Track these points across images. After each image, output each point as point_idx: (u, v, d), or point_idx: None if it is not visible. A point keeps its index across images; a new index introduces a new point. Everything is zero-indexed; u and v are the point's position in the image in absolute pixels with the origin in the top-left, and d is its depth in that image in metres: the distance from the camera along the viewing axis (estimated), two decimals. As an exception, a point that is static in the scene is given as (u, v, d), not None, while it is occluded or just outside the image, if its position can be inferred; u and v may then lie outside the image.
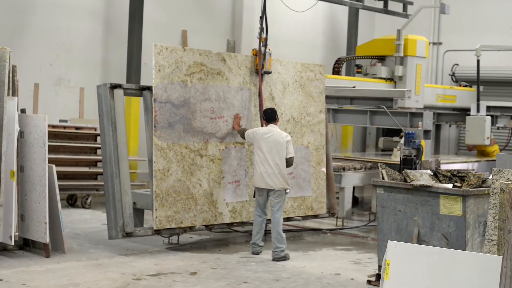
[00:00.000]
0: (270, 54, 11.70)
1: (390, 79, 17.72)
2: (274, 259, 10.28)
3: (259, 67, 11.63)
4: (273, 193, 10.53)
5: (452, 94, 19.44)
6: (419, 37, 18.07)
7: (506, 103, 19.12)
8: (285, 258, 10.33)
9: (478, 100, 18.24)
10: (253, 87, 11.63)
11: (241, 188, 11.29)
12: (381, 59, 17.95)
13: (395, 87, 17.56)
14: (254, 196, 10.88)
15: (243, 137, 11.04)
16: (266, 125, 10.82)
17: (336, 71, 17.79)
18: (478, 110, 18.15)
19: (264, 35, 11.57)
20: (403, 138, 15.98)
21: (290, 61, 12.36)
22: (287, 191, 10.66)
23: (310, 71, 12.54)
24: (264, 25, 11.56)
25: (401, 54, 17.53)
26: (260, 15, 11.58)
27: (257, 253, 10.56)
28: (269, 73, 11.71)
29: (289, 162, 10.63)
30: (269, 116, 10.83)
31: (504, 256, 4.76)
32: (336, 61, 18.26)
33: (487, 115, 18.77)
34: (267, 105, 11.67)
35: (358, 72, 18.10)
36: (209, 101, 11.01)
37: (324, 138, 12.60)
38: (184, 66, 10.75)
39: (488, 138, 17.66)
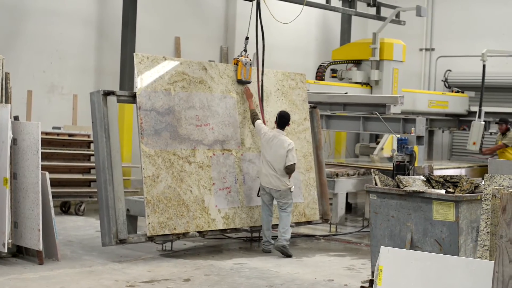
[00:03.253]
0: (250, 65, 11.84)
1: (366, 83, 17.69)
2: (277, 246, 11.00)
3: (258, 74, 11.78)
4: (279, 194, 11.06)
5: (444, 100, 19.48)
6: (396, 41, 18.04)
7: (498, 109, 19.16)
8: (287, 249, 10.98)
9: (480, 105, 18.15)
10: (236, 95, 11.71)
11: (232, 195, 11.32)
12: (359, 63, 17.94)
13: (371, 92, 17.55)
14: (258, 195, 11.40)
15: (253, 122, 11.49)
16: (275, 127, 11.35)
17: (319, 76, 17.75)
18: (479, 116, 18.11)
19: (245, 54, 11.93)
20: (379, 144, 16.03)
21: (271, 70, 12.47)
22: (292, 189, 11.14)
23: (291, 80, 12.63)
24: (260, 45, 11.98)
25: (377, 58, 17.49)
26: (250, 31, 11.86)
27: (269, 251, 11.05)
28: (249, 82, 11.85)
29: (289, 169, 11.10)
30: (283, 122, 11.31)
31: (496, 261, 4.77)
32: (319, 66, 18.22)
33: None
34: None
35: (333, 77, 18.05)
36: (193, 109, 11.08)
37: (311, 145, 12.65)
38: (166, 75, 10.86)
39: (474, 143, 17.62)
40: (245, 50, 11.94)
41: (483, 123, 17.77)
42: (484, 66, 18.13)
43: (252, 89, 11.92)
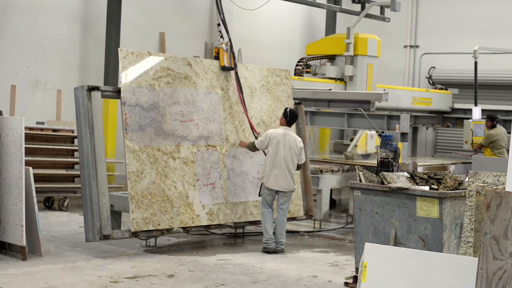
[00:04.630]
0: (227, 51, 11.80)
1: (340, 79, 17.67)
2: (276, 251, 11.00)
3: (235, 70, 11.78)
4: (284, 193, 11.15)
5: (428, 97, 19.54)
6: (371, 36, 18.00)
7: (483, 106, 19.19)
8: (283, 250, 11.10)
9: (475, 104, 18.07)
10: (220, 91, 11.70)
11: (216, 191, 11.31)
12: (334, 58, 17.91)
13: (345, 88, 17.54)
14: (259, 195, 11.33)
15: (254, 149, 11.34)
16: (284, 125, 11.33)
17: (298, 72, 17.72)
18: (472, 114, 18.00)
19: (224, 41, 11.93)
20: (353, 141, 16.04)
21: (256, 66, 12.47)
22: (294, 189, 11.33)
23: (276, 76, 12.63)
24: (223, 31, 12.01)
25: (351, 53, 17.46)
26: (221, 22, 11.95)
27: (273, 251, 11.05)
28: (232, 68, 11.86)
29: (300, 167, 11.39)
30: (293, 119, 11.41)
31: (480, 258, 4.79)
32: (298, 62, 18.17)
33: (463, 118, 18.73)
34: (235, 109, 11.78)
35: (307, 72, 18.00)
36: (178, 105, 11.06)
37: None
38: (151, 71, 10.84)
39: (466, 142, 17.57)
40: (222, 37, 11.92)
41: (471, 121, 17.73)
42: (476, 63, 18.08)
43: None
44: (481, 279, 4.77)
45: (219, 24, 11.97)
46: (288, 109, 11.42)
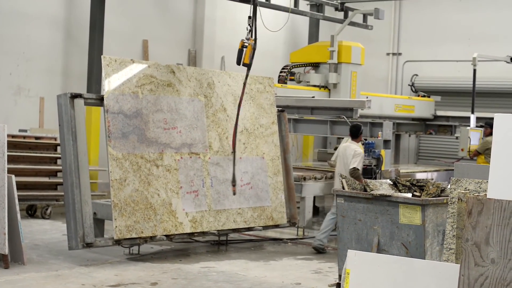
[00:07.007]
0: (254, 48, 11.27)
1: (324, 86, 17.72)
2: (312, 245, 11.97)
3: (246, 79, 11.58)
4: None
5: (410, 104, 19.61)
6: (354, 43, 18.06)
7: (464, 114, 19.28)
8: (320, 248, 11.83)
9: (472, 111, 18.05)
10: (204, 98, 11.70)
11: (199, 198, 11.31)
12: (318, 66, 17.95)
13: (329, 96, 17.59)
14: None
15: (356, 171, 11.75)
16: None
17: (282, 79, 17.75)
18: (471, 122, 17.94)
19: (252, 37, 11.41)
20: (336, 150, 16.10)
21: (239, 74, 12.43)
22: None
23: (259, 84, 12.66)
24: (252, 26, 11.42)
25: (335, 61, 17.52)
26: (249, 15, 11.51)
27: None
28: (249, 66, 11.32)
29: (351, 174, 11.47)
30: (354, 132, 12.30)
31: (462, 264, 4.81)
32: (282, 69, 18.20)
33: (446, 125, 18.78)
34: (219, 116, 11.77)
35: (291, 80, 18.05)
36: (161, 112, 11.06)
37: (279, 149, 12.68)
38: (134, 78, 10.84)
39: (462, 150, 17.52)
40: (250, 31, 11.31)
41: (469, 128, 17.67)
42: (474, 70, 17.98)
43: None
44: (463, 286, 4.79)
45: (249, 17, 11.30)
46: (352, 124, 12.43)
